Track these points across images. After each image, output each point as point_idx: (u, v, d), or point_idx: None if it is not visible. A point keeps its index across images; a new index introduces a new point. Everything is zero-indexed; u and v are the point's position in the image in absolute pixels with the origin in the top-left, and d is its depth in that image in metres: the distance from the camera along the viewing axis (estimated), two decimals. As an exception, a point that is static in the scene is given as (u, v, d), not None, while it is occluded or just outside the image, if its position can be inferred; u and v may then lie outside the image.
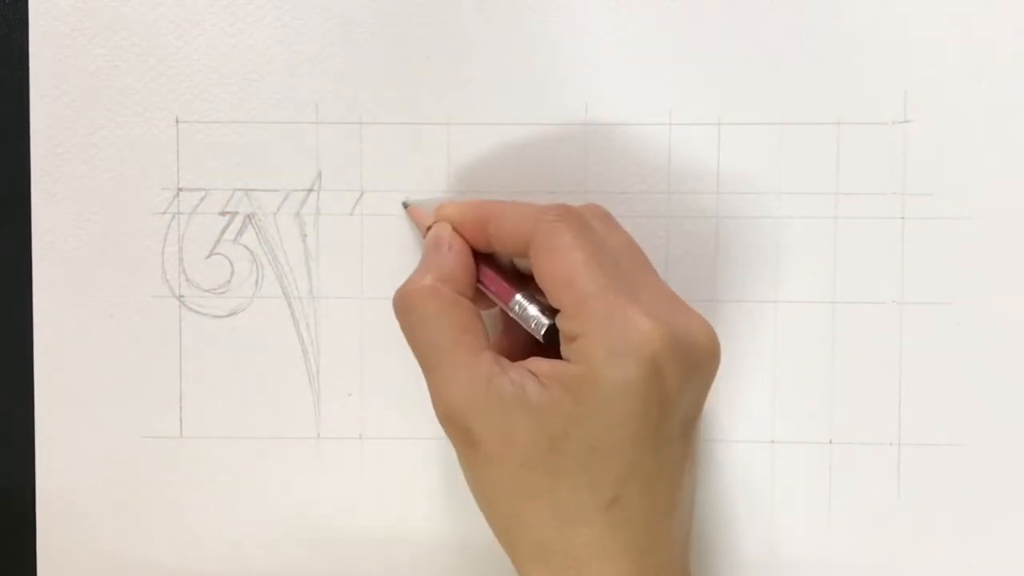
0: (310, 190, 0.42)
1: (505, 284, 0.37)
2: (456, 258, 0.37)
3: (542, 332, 0.36)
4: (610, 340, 0.33)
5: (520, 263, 0.38)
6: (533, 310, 0.36)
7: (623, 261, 0.36)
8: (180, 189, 0.42)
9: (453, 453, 0.36)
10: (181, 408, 0.42)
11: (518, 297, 0.36)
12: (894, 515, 0.42)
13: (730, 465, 0.42)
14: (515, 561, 0.35)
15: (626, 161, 0.42)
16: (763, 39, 0.41)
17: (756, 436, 0.42)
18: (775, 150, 0.42)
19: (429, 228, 0.39)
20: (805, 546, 0.42)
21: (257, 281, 0.42)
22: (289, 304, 0.42)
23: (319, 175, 0.42)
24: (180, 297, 0.42)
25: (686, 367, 0.33)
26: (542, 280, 0.35)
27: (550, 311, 0.36)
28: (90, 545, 0.42)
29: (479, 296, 0.38)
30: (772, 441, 0.42)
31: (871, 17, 0.41)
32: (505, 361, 0.35)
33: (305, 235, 0.42)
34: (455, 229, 0.38)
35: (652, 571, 0.34)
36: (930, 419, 0.42)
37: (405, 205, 0.41)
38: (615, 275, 0.34)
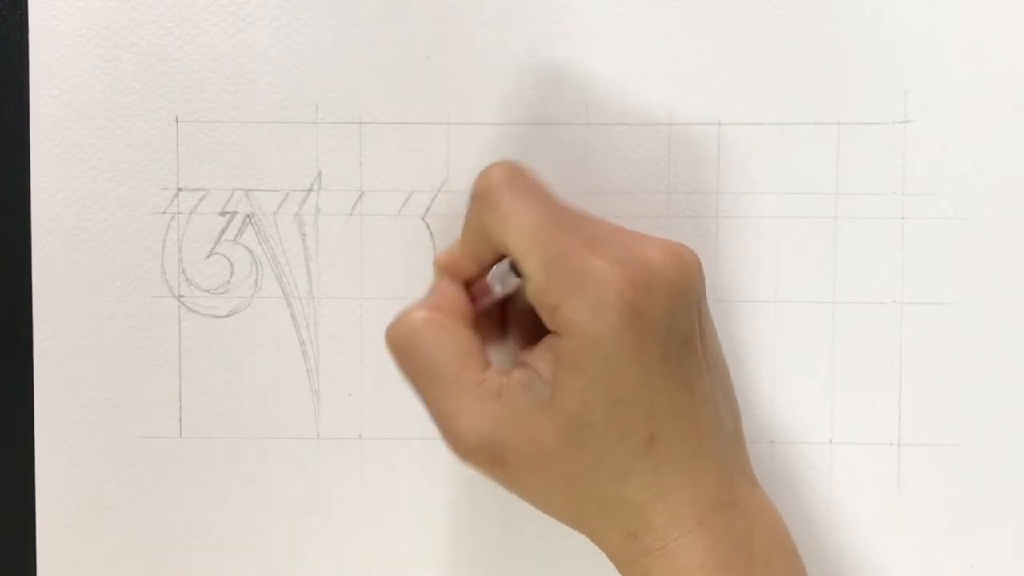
0: (310, 190, 0.42)
1: (482, 281, 0.37)
2: (446, 287, 0.37)
3: (507, 268, 0.35)
4: (585, 300, 0.33)
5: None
6: (494, 269, 0.36)
7: (565, 207, 0.36)
8: (180, 189, 0.42)
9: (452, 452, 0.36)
10: (181, 408, 0.42)
11: (494, 268, 0.36)
12: (894, 515, 0.42)
13: (730, 465, 0.42)
14: (586, 531, 0.36)
15: (626, 161, 0.42)
16: (763, 39, 0.41)
17: (756, 436, 0.42)
18: (775, 150, 0.42)
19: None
20: (805, 546, 0.42)
21: (257, 281, 0.42)
22: (289, 304, 0.42)
23: (319, 175, 0.42)
24: (180, 297, 0.42)
25: (660, 294, 0.34)
26: (504, 248, 0.35)
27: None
28: (90, 545, 0.42)
29: (478, 324, 0.38)
30: (772, 441, 0.42)
31: (871, 17, 0.41)
32: (508, 368, 0.35)
33: (305, 235, 0.42)
34: (451, 276, 0.38)
35: (709, 497, 0.35)
36: (930, 419, 0.42)
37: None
38: (564, 227, 0.35)
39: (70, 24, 0.42)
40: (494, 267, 0.36)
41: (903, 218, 0.42)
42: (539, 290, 0.34)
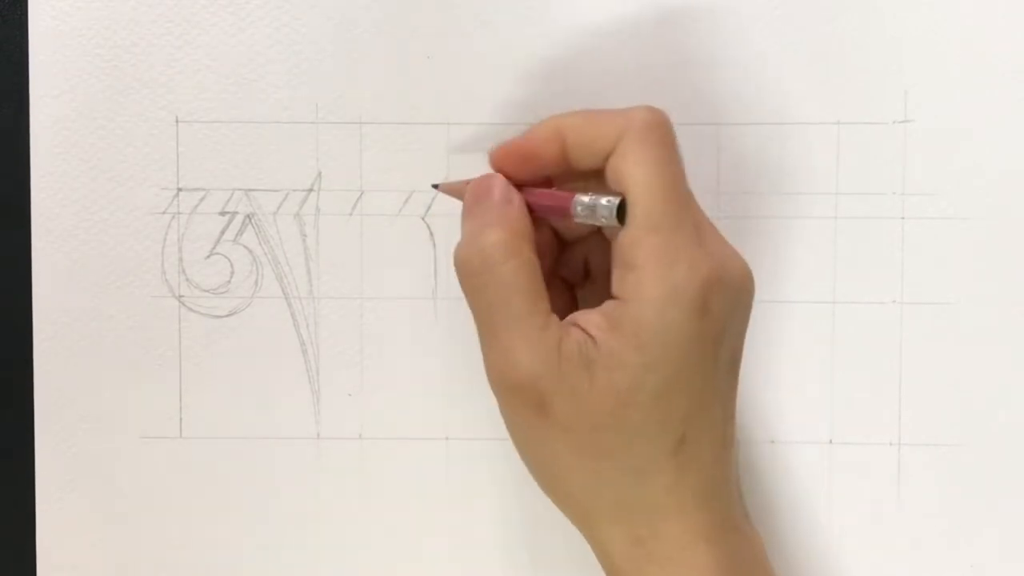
0: (310, 190, 0.42)
1: (561, 193, 0.35)
2: (520, 209, 0.35)
3: (614, 212, 0.34)
4: (672, 278, 0.33)
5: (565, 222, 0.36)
6: (600, 199, 0.34)
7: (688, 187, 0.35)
8: (180, 189, 0.42)
9: (451, 452, 0.36)
10: (181, 408, 0.42)
11: (579, 196, 0.34)
12: (894, 515, 0.42)
13: (730, 465, 0.42)
14: (591, 526, 0.35)
15: (626, 161, 0.42)
16: (763, 39, 0.41)
17: (756, 436, 0.42)
18: (776, 150, 0.42)
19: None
20: (805, 546, 0.42)
21: (257, 281, 0.42)
22: (289, 304, 0.42)
23: (319, 175, 0.42)
24: (180, 297, 0.42)
25: (730, 302, 0.34)
26: (624, 184, 0.34)
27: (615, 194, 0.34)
28: (90, 545, 0.42)
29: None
30: (772, 441, 0.42)
31: (871, 17, 0.41)
32: (565, 323, 0.34)
33: (305, 235, 0.42)
34: (509, 165, 0.36)
35: (720, 517, 0.34)
36: (930, 419, 0.42)
37: (435, 186, 0.40)
38: (686, 203, 0.34)
39: (70, 24, 0.42)
40: (583, 197, 0.34)
41: (903, 218, 0.42)
42: (634, 241, 0.33)
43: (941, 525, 0.42)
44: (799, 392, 0.42)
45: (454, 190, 0.38)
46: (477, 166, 0.37)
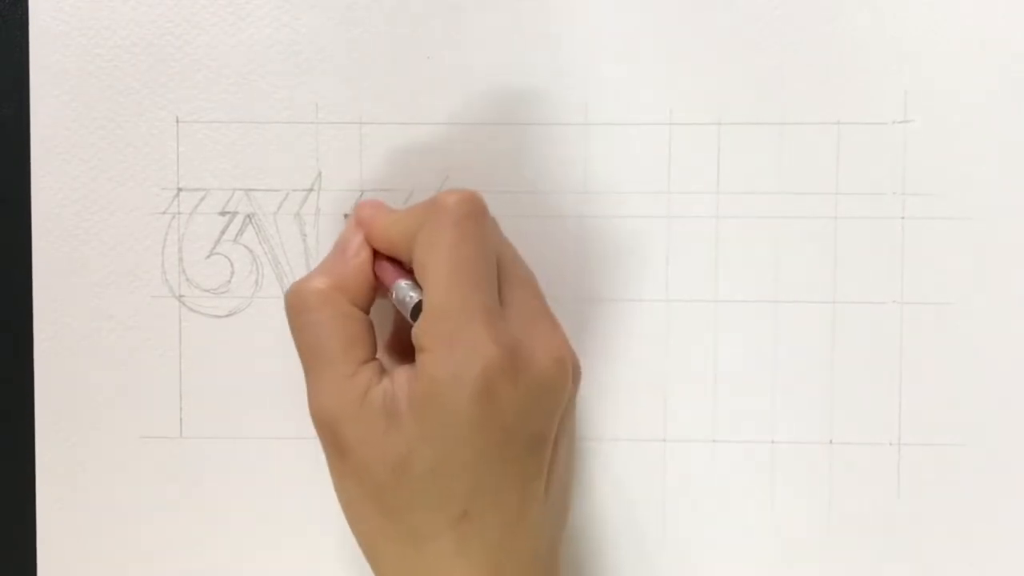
0: (310, 190, 0.42)
1: (393, 271, 0.37)
2: (358, 266, 0.37)
3: (409, 310, 0.36)
4: (451, 361, 0.33)
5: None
6: (411, 292, 0.36)
7: (503, 269, 0.36)
8: (180, 189, 0.42)
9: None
10: (181, 408, 0.42)
11: (400, 282, 0.36)
12: (894, 515, 0.42)
13: (730, 465, 0.42)
14: (375, 570, 0.36)
15: (626, 161, 0.42)
16: (763, 39, 0.41)
17: (756, 436, 0.42)
18: (775, 150, 0.42)
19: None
20: (805, 546, 0.42)
21: (257, 281, 0.42)
22: (289, 304, 0.42)
23: (319, 175, 0.42)
24: (180, 297, 0.42)
25: (524, 389, 0.34)
26: (418, 270, 0.35)
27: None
28: (90, 546, 0.42)
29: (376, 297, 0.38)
30: (772, 441, 0.42)
31: (871, 17, 0.41)
32: (386, 371, 0.35)
33: (305, 235, 0.42)
34: (366, 237, 0.38)
35: None
36: (930, 419, 0.42)
37: (346, 216, 0.41)
38: (476, 287, 0.34)
39: (70, 24, 0.42)
40: (401, 283, 0.36)
41: (903, 218, 0.42)
42: (419, 327, 0.34)
43: (941, 525, 0.42)
44: (799, 392, 0.42)
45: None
46: (477, 166, 0.37)
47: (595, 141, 0.42)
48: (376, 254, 0.38)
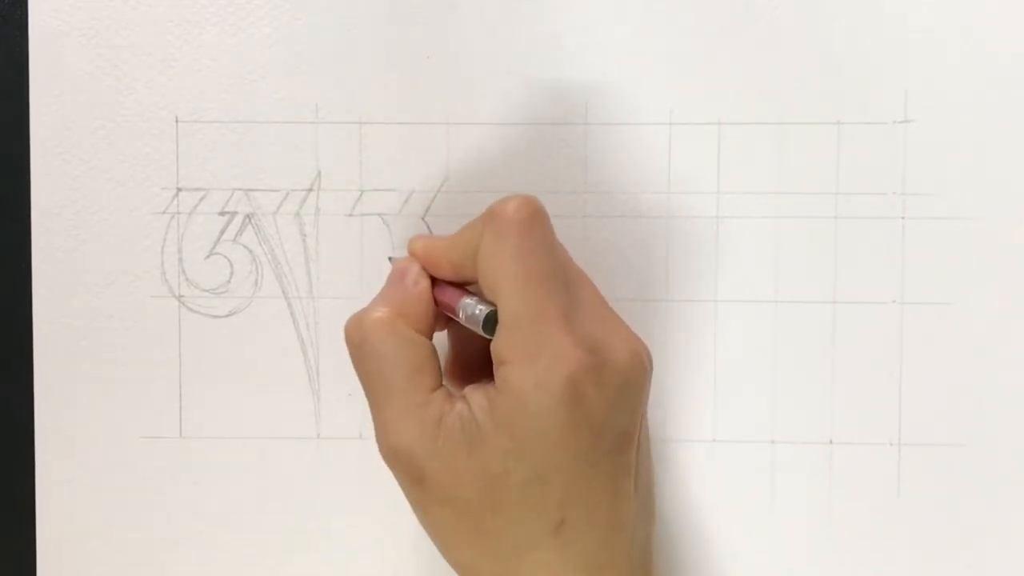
0: (310, 190, 0.42)
1: (455, 291, 0.36)
2: (418, 293, 0.37)
3: (481, 324, 0.35)
4: (535, 371, 0.33)
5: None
6: (479, 306, 0.35)
7: (564, 271, 0.35)
8: (180, 189, 0.42)
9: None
10: (181, 408, 0.42)
11: (466, 300, 0.36)
12: (894, 515, 0.42)
13: (730, 465, 0.42)
14: None
15: (626, 161, 0.42)
16: (763, 39, 0.41)
17: (756, 436, 0.42)
18: (775, 150, 0.42)
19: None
20: (805, 546, 0.42)
21: (257, 281, 0.42)
22: (289, 304, 0.42)
23: (319, 175, 0.42)
24: (180, 297, 0.42)
25: (609, 387, 0.34)
26: (487, 282, 0.35)
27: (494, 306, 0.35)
28: (90, 544, 0.42)
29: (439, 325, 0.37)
30: (772, 441, 0.42)
31: (871, 17, 0.41)
32: (455, 395, 0.35)
33: (305, 235, 0.42)
34: (424, 266, 0.37)
35: None
36: (930, 419, 0.42)
37: (390, 260, 0.40)
38: (550, 292, 0.34)
39: (70, 24, 0.42)
40: (467, 300, 0.36)
41: (903, 218, 0.42)
42: (498, 341, 0.34)
43: (941, 525, 0.42)
44: (799, 392, 0.42)
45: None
46: (477, 166, 0.37)
47: (595, 141, 0.42)
48: (434, 281, 0.37)
